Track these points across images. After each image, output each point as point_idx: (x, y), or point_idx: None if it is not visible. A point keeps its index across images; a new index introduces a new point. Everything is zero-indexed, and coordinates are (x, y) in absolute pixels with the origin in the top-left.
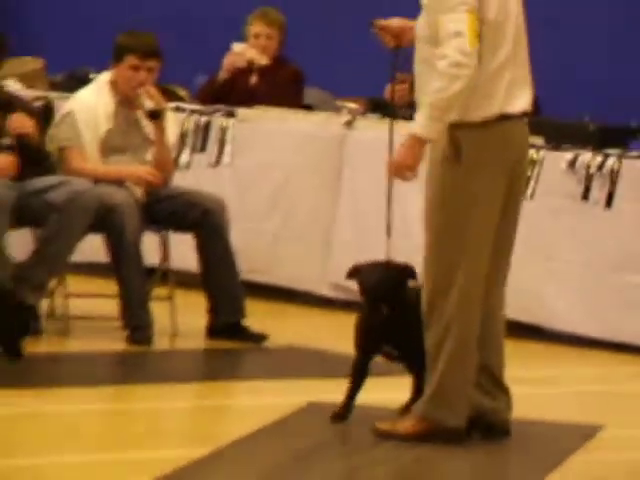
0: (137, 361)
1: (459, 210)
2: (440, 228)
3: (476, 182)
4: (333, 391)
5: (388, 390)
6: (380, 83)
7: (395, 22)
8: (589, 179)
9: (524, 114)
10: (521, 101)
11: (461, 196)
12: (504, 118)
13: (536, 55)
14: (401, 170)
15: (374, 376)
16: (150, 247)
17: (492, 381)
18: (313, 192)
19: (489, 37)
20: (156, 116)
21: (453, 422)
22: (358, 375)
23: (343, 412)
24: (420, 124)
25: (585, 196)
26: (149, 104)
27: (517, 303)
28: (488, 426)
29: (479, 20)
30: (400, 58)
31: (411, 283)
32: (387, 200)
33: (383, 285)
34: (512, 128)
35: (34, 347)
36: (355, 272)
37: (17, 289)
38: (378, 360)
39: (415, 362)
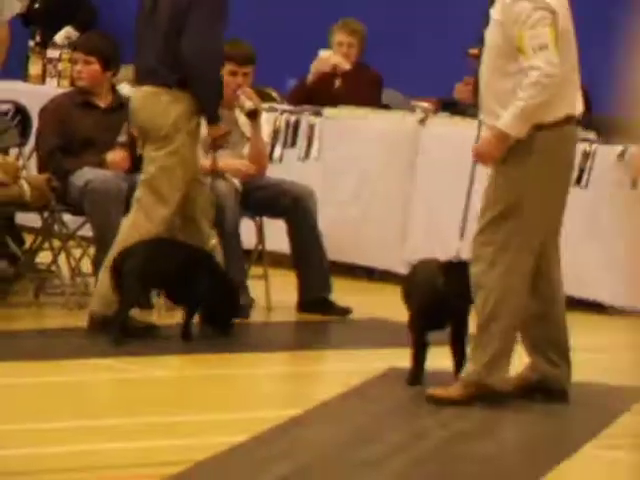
0: (237, 332)
1: (526, 199)
2: (505, 212)
3: (545, 177)
4: (410, 358)
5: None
6: (449, 85)
7: None
8: None
9: (580, 115)
10: (579, 104)
11: (529, 188)
12: (569, 119)
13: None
14: (484, 159)
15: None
16: (247, 232)
17: (558, 354)
18: (391, 181)
19: (562, 45)
20: (254, 115)
21: (500, 386)
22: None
23: (414, 378)
24: (508, 122)
25: (634, 185)
26: (249, 104)
27: (572, 279)
28: (549, 391)
29: (557, 31)
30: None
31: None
32: (465, 204)
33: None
34: (573, 128)
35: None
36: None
37: None
38: None
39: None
